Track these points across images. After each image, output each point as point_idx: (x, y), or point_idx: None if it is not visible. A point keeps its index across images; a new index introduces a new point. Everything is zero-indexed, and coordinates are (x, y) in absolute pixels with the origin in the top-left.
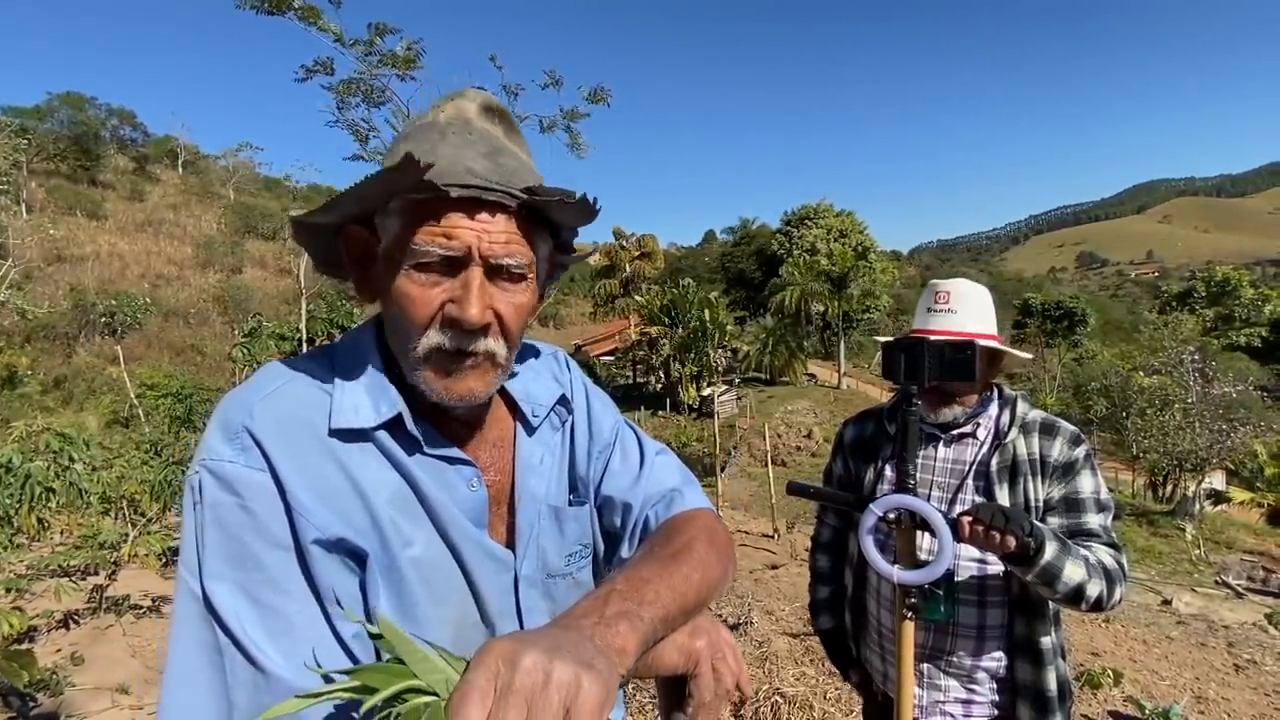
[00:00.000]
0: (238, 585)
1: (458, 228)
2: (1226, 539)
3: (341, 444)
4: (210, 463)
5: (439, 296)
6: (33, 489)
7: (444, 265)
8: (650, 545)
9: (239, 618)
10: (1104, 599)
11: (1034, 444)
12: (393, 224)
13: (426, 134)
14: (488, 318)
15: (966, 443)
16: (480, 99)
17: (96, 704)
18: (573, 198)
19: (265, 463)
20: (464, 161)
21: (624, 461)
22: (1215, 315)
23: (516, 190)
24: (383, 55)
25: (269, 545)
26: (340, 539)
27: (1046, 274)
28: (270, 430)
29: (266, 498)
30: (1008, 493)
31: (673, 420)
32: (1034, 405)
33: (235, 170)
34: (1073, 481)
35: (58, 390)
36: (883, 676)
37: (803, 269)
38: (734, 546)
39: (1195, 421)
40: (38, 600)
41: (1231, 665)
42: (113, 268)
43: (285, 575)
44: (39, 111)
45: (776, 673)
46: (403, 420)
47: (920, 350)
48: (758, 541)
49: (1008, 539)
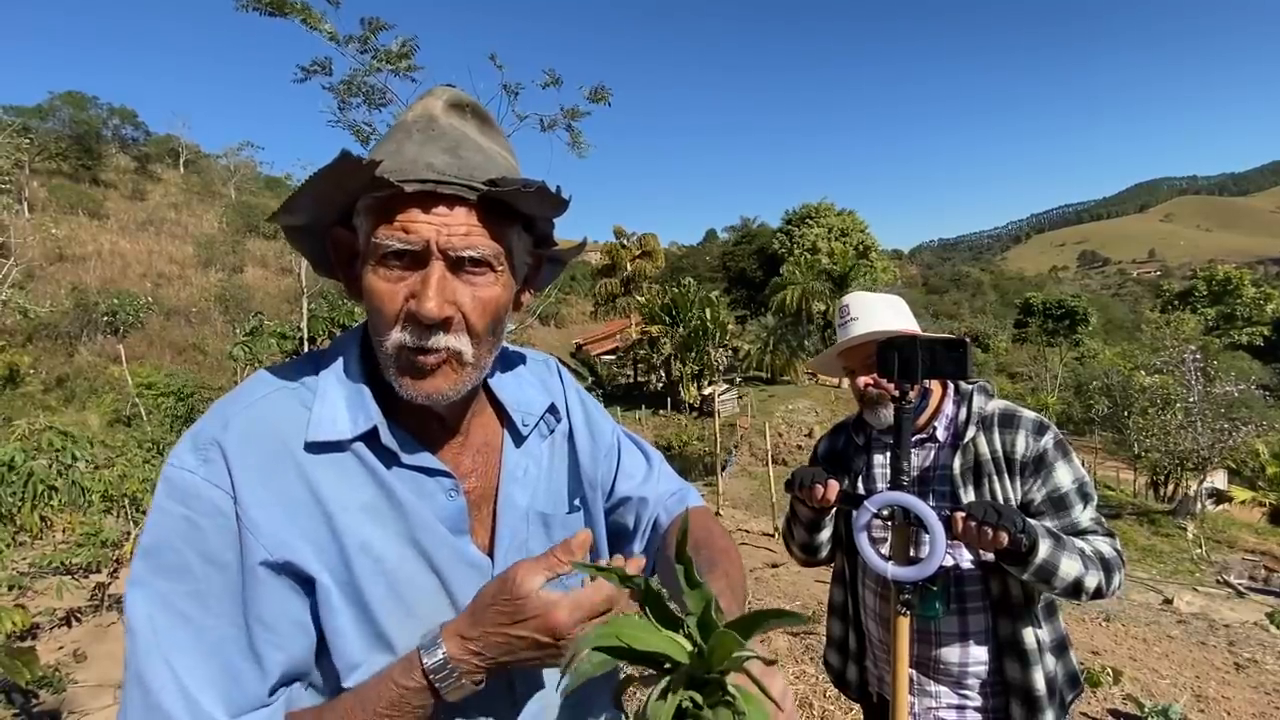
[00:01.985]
0: (158, 594)
1: (415, 222)
2: (1228, 538)
3: (315, 457)
4: (171, 469)
5: (402, 291)
6: (35, 487)
7: (406, 260)
8: (704, 542)
9: (152, 623)
10: (1103, 587)
11: (995, 440)
12: (362, 223)
13: (395, 134)
14: (447, 311)
15: (927, 446)
16: (447, 96)
17: (98, 701)
18: (532, 186)
19: (227, 478)
20: (424, 158)
21: (634, 462)
22: (1217, 314)
23: (476, 183)
24: (377, 52)
25: (202, 559)
26: (288, 563)
27: (1048, 273)
28: (240, 445)
29: (213, 513)
30: (974, 495)
31: (673, 419)
32: (993, 395)
33: (236, 169)
34: (1050, 476)
35: (59, 389)
36: (878, 681)
37: (804, 268)
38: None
39: (1197, 421)
40: (40, 598)
41: (1232, 664)
42: (114, 267)
43: (212, 590)
44: (41, 111)
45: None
46: (379, 433)
47: (913, 349)
48: (758, 540)
49: (1000, 535)
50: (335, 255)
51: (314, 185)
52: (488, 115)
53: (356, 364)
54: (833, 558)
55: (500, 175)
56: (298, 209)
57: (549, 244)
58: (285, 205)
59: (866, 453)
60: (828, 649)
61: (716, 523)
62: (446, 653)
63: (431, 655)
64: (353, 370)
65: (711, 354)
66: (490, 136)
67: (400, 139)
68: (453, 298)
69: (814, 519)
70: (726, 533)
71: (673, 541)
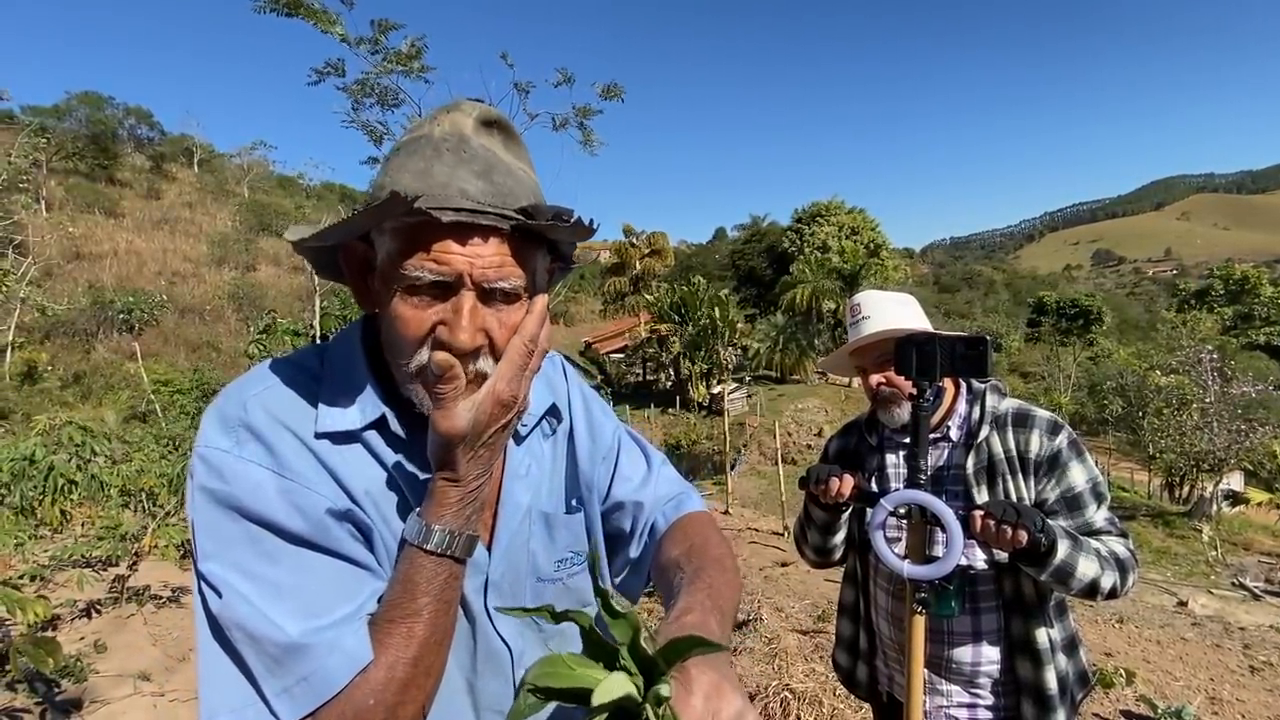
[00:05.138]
0: (229, 562)
1: (449, 254)
2: (1244, 540)
3: (329, 445)
4: (204, 450)
5: (431, 318)
6: (55, 481)
7: (436, 289)
8: (697, 549)
9: (234, 588)
10: (1118, 588)
11: (1009, 439)
12: (387, 243)
13: (421, 149)
14: (479, 341)
15: (940, 446)
16: (477, 112)
17: (119, 690)
18: (569, 219)
19: (264, 454)
20: (457, 183)
21: (633, 465)
22: (1234, 314)
23: (510, 212)
24: (387, 53)
25: (257, 525)
26: (349, 510)
27: (1061, 272)
28: (263, 426)
29: (254, 487)
30: (986, 494)
31: (682, 418)
32: (1005, 394)
33: (249, 168)
34: (1064, 476)
35: (76, 386)
36: (888, 680)
37: (814, 266)
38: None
39: (1213, 421)
40: (61, 590)
41: (1247, 667)
42: (130, 265)
43: (275, 549)
44: (58, 111)
45: (786, 669)
46: (387, 421)
47: (932, 347)
48: (767, 539)
49: (1019, 534)
50: (348, 266)
51: (358, 220)
52: (513, 130)
53: (360, 357)
54: (844, 559)
55: (531, 201)
56: (331, 238)
57: (569, 264)
58: (320, 234)
59: (879, 452)
60: (836, 649)
61: (714, 529)
62: (444, 529)
63: (431, 540)
64: (357, 363)
65: (721, 353)
66: (515, 153)
67: (429, 157)
68: (483, 325)
69: (828, 521)
70: (724, 539)
71: (667, 548)
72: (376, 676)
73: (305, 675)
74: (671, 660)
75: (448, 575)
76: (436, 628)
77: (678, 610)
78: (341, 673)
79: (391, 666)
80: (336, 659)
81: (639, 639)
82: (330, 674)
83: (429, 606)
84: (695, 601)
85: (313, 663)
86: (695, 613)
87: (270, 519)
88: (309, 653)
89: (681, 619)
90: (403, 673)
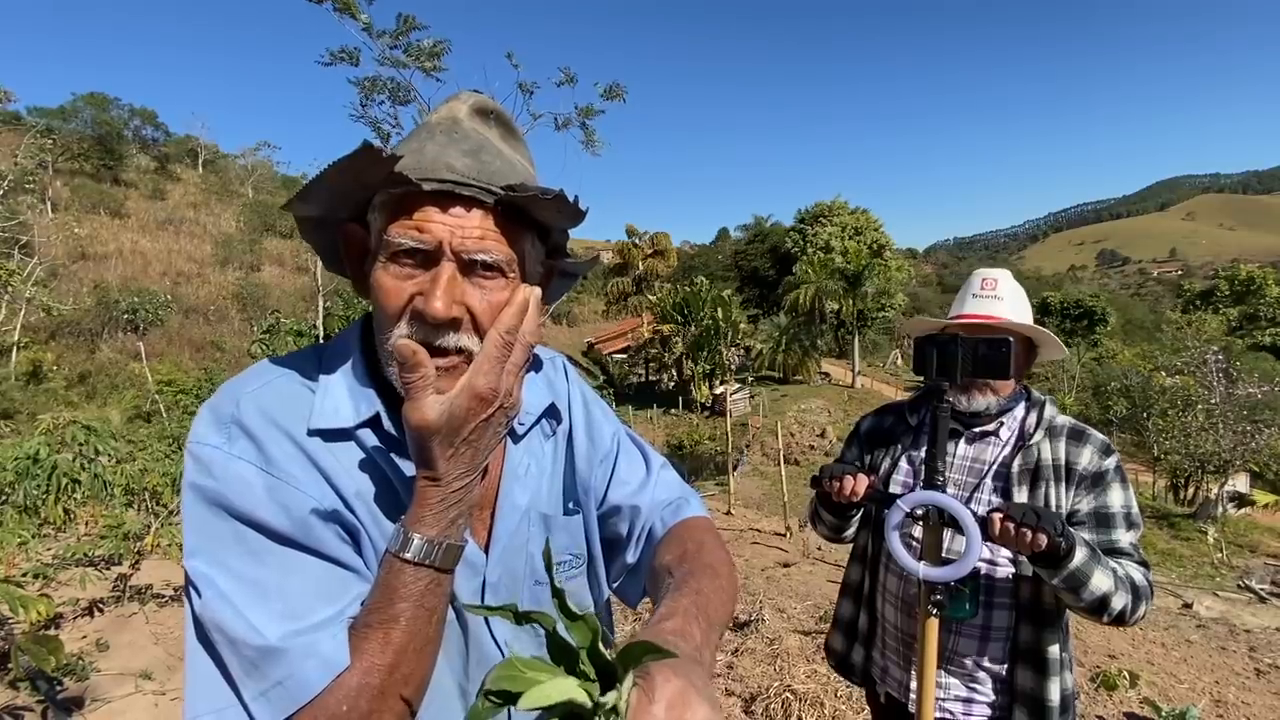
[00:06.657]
0: (214, 559)
1: (430, 221)
2: (1249, 542)
3: (321, 444)
4: (195, 446)
5: (409, 289)
6: (59, 480)
7: (417, 258)
8: (691, 554)
9: (216, 587)
10: (1127, 612)
11: (1060, 449)
12: (376, 219)
13: (418, 134)
14: (455, 312)
15: (989, 441)
16: (472, 100)
17: (121, 689)
18: (550, 194)
19: (254, 452)
20: (444, 159)
21: (631, 469)
22: (1240, 314)
23: (494, 187)
24: (408, 48)
25: (243, 523)
26: (335, 510)
27: (1066, 272)
28: (256, 423)
29: (242, 484)
30: (1026, 496)
31: (685, 418)
32: (1061, 411)
33: (254, 169)
34: (1102, 495)
35: (81, 385)
36: (896, 683)
37: (817, 267)
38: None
39: (1218, 423)
40: (64, 588)
41: (1252, 669)
42: (135, 265)
43: (260, 548)
44: (64, 112)
45: (788, 670)
46: (381, 419)
47: (954, 346)
48: (769, 540)
49: (1039, 538)
50: (346, 250)
51: (332, 175)
52: (512, 123)
53: (359, 357)
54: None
55: (519, 182)
56: (313, 198)
57: (562, 255)
58: (301, 193)
59: (914, 433)
60: (832, 631)
61: (712, 535)
62: (423, 538)
63: (409, 549)
64: (355, 363)
65: (724, 353)
66: (512, 145)
67: (423, 139)
68: (461, 299)
69: (836, 524)
70: (722, 545)
71: (661, 554)
72: (350, 682)
73: (281, 679)
74: (628, 665)
75: (428, 582)
76: (416, 635)
77: (658, 615)
78: (317, 678)
79: (367, 673)
80: (312, 664)
81: (598, 643)
82: (306, 679)
83: (407, 613)
84: (679, 607)
85: (289, 667)
86: (676, 619)
87: (257, 517)
88: (285, 657)
89: (660, 625)
90: (378, 679)
